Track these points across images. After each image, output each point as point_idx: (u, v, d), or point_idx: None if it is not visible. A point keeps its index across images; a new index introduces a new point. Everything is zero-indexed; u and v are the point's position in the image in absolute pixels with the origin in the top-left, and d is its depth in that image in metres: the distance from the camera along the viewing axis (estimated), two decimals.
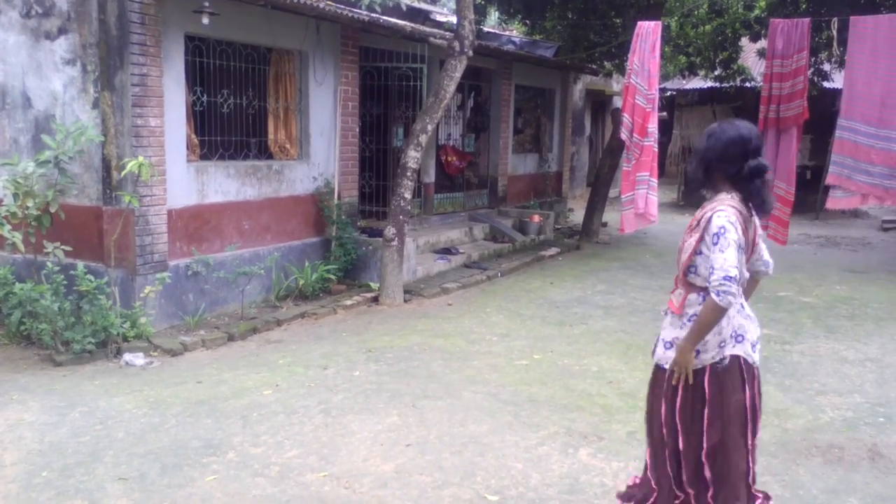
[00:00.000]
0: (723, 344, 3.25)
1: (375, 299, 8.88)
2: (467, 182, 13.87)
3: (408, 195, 8.99)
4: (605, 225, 14.88)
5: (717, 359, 3.26)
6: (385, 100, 11.63)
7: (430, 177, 12.34)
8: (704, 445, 3.29)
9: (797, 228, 14.83)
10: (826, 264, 11.89)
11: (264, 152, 9.02)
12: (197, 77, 7.99)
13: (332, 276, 9.06)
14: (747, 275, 3.40)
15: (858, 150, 8.03)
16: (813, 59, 13.46)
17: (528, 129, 16.07)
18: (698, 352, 3.24)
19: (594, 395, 5.77)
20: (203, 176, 7.95)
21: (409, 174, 8.95)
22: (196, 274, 7.81)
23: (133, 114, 7.07)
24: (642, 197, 8.47)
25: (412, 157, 8.94)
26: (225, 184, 8.20)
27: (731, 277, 3.07)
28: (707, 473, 3.31)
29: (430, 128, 9.02)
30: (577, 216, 15.83)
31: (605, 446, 4.82)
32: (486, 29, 16.17)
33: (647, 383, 3.57)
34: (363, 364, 6.46)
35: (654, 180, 8.53)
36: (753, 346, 3.31)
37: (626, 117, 8.78)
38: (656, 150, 8.67)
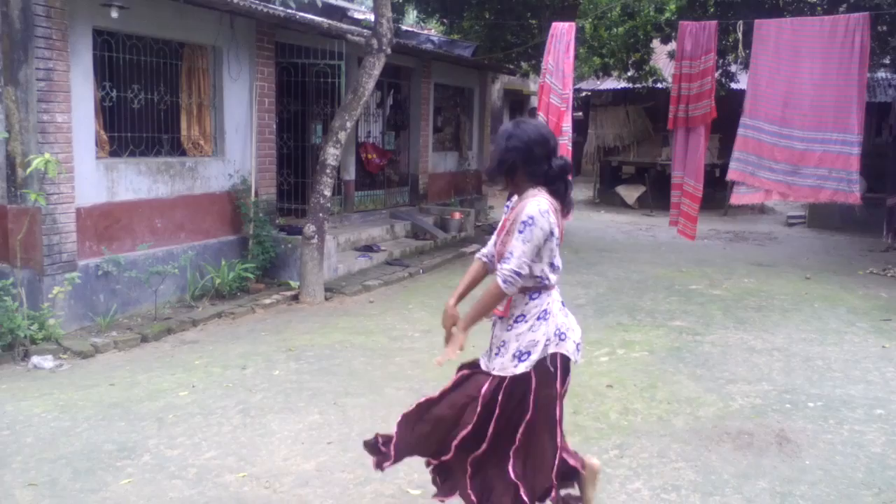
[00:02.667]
0: (548, 343, 3.26)
1: (295, 298, 8.78)
2: (388, 180, 13.85)
3: (327, 192, 8.92)
4: None
5: (542, 357, 3.26)
6: (303, 96, 11.51)
7: (351, 174, 12.27)
8: (517, 441, 3.30)
9: (706, 224, 15.34)
10: (734, 258, 12.33)
11: (177, 149, 8.80)
12: (106, 72, 7.74)
13: (250, 275, 8.91)
14: (560, 264, 3.37)
15: (762, 148, 8.35)
16: (720, 61, 13.92)
17: (447, 127, 16.15)
18: (528, 353, 3.24)
19: None
20: (113, 173, 7.71)
21: (328, 171, 8.88)
22: (107, 274, 7.57)
23: (39, 109, 6.82)
24: None
25: (331, 154, 8.87)
26: (136, 181, 7.98)
27: (519, 274, 3.13)
28: (511, 470, 3.31)
29: (349, 125, 8.97)
30: (497, 213, 15.99)
31: None
32: (404, 27, 16.18)
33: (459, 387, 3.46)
34: (283, 363, 6.38)
35: (569, 178, 8.68)
36: (578, 345, 3.34)
37: (541, 116, 8.91)
38: (570, 148, 8.82)
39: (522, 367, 3.26)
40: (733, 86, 14.82)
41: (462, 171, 16.01)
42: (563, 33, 8.82)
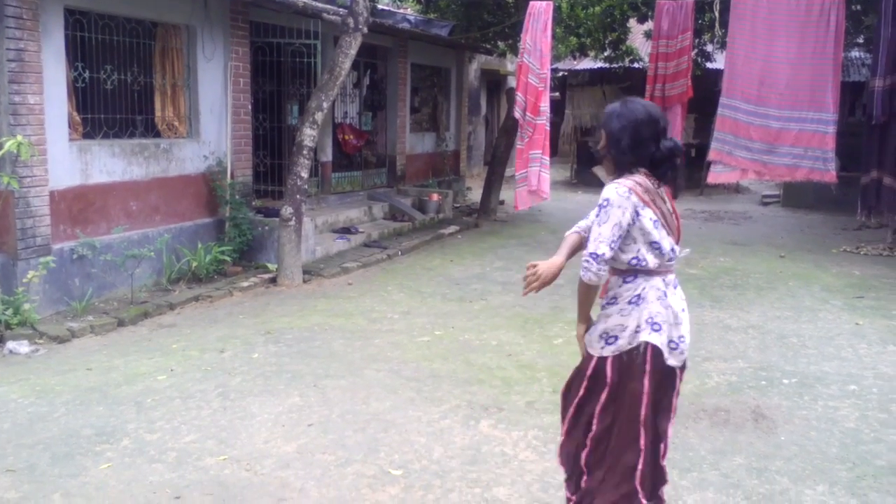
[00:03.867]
0: (638, 330, 3.08)
1: (273, 280, 8.74)
2: (365, 161, 13.79)
3: (304, 174, 8.86)
4: (502, 203, 15.08)
5: (631, 346, 3.08)
6: (278, 77, 11.39)
7: (328, 155, 12.20)
8: (593, 428, 3.18)
9: (682, 204, 15.43)
10: (710, 237, 12.43)
11: (151, 130, 8.70)
12: (78, 52, 7.62)
13: (227, 258, 8.85)
14: (681, 252, 3.24)
15: (738, 127, 8.38)
16: (696, 41, 13.93)
17: (425, 108, 16.09)
18: (616, 338, 3.10)
19: (494, 368, 5.87)
20: (86, 155, 7.61)
21: (305, 152, 8.81)
22: (82, 257, 7.49)
23: (10, 91, 6.70)
24: (535, 174, 8.60)
25: (308, 135, 8.81)
26: (110, 163, 7.88)
27: (596, 255, 2.98)
28: (584, 457, 3.21)
29: (325, 105, 8.90)
30: (475, 194, 15.99)
31: (505, 417, 4.92)
32: (380, 6, 16.03)
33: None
34: (262, 346, 6.36)
35: (547, 158, 8.67)
36: (673, 342, 3.10)
37: (519, 96, 8.89)
38: (548, 128, 8.81)
39: (608, 351, 3.12)
40: (709, 65, 14.85)
41: (440, 151, 15.96)
42: (540, 12, 8.78)
